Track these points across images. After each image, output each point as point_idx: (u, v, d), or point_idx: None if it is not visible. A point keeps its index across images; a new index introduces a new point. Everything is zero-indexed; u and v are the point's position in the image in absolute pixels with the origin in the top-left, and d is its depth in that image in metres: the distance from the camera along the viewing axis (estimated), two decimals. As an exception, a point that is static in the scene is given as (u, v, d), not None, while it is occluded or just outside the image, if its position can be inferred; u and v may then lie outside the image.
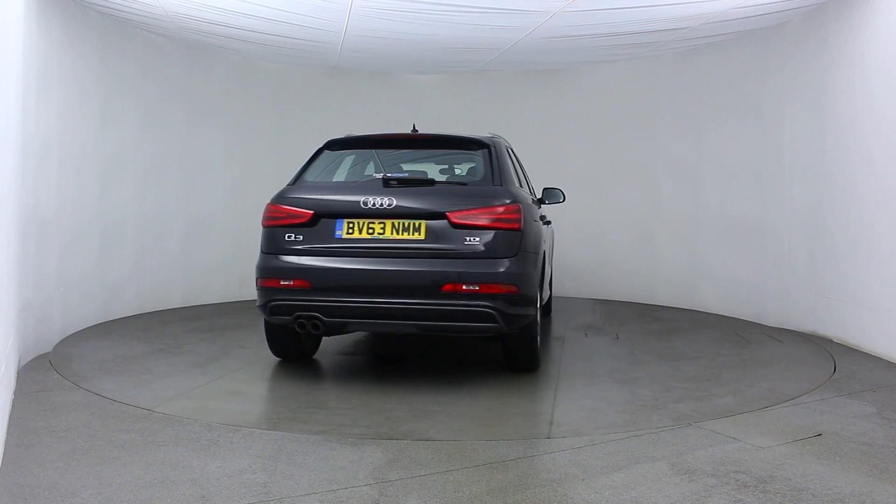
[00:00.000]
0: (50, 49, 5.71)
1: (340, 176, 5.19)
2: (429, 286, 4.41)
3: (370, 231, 4.57)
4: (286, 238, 4.68)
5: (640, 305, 8.39)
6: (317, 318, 4.54)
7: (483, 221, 4.50)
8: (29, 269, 5.20)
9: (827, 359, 5.52)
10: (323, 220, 4.66)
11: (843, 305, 6.12)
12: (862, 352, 5.77)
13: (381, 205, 4.55)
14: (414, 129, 5.55)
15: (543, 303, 7.23)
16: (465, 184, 4.83)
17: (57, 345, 5.66)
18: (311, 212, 4.66)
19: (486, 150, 4.99)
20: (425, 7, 6.13)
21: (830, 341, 6.19)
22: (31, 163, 5.22)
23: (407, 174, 4.92)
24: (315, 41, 7.32)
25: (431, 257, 4.48)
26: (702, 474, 3.12)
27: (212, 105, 8.08)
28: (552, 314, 7.71)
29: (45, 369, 4.91)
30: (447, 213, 4.49)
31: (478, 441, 3.56)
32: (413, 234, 4.52)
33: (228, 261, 8.13)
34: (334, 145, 5.28)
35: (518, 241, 4.55)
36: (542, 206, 6.51)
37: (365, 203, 4.58)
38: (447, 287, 4.38)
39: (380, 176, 4.88)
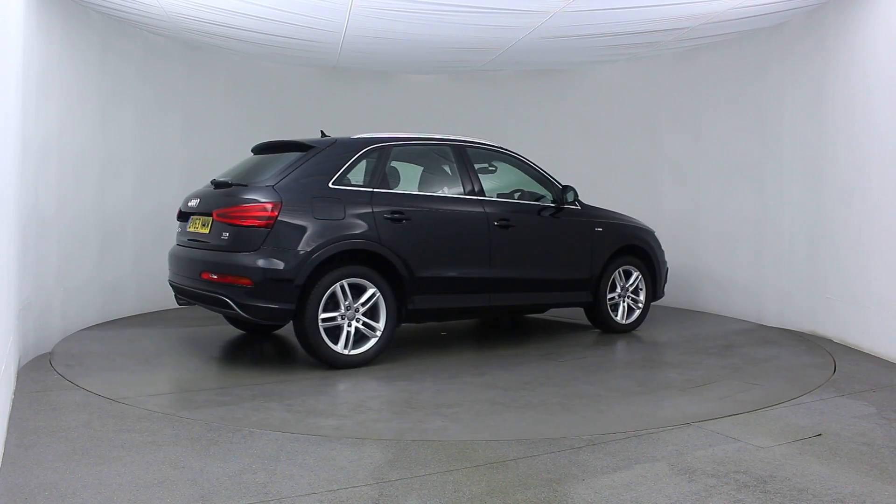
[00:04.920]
0: (50, 49, 5.70)
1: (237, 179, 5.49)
2: (196, 274, 5.13)
3: (194, 226, 5.36)
4: (177, 231, 5.76)
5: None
6: (177, 294, 5.53)
7: (231, 218, 4.98)
8: (29, 268, 5.20)
9: (827, 359, 5.52)
10: (189, 217, 5.50)
11: (843, 305, 6.12)
12: (862, 352, 5.77)
13: (191, 206, 5.43)
14: (323, 135, 5.76)
15: (621, 318, 6.60)
16: (245, 185, 5.16)
17: (57, 345, 5.66)
18: (179, 209, 5.69)
19: (304, 153, 5.27)
20: (425, 7, 6.13)
21: (830, 341, 6.19)
22: (31, 163, 5.22)
23: (228, 178, 5.36)
24: (315, 41, 7.32)
25: (204, 249, 5.16)
26: (702, 474, 3.12)
27: (211, 105, 8.07)
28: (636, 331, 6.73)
29: (45, 369, 4.91)
30: (213, 212, 5.11)
31: (478, 441, 3.57)
32: (204, 230, 5.21)
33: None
34: (256, 150, 5.88)
35: (262, 237, 4.84)
36: (564, 206, 6.35)
37: (186, 204, 5.54)
38: (204, 275, 5.04)
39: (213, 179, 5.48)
